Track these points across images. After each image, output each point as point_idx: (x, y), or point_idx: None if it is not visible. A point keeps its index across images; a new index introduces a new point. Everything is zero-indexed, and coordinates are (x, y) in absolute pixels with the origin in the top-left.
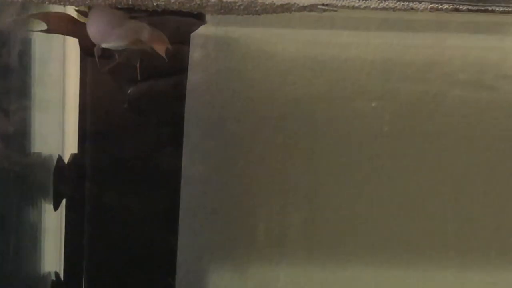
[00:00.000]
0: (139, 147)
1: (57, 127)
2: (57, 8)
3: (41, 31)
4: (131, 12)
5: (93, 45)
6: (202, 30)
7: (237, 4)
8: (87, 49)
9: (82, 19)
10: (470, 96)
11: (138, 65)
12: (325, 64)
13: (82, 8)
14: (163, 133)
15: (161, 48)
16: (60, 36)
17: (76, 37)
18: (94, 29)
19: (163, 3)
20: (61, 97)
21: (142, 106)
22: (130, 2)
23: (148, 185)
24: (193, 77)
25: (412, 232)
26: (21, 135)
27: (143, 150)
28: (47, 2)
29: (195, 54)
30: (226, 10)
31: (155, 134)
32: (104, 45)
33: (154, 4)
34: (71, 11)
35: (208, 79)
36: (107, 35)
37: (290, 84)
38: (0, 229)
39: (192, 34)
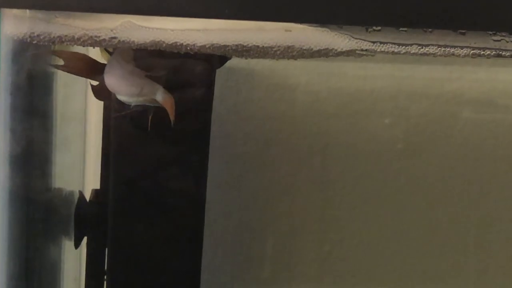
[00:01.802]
0: (163, 183)
1: (78, 162)
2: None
3: (57, 68)
4: (148, 70)
5: (105, 90)
6: None
7: (274, 49)
8: (98, 92)
9: (105, 56)
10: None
11: (150, 116)
12: (349, 96)
13: None
14: (187, 168)
15: (171, 111)
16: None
17: (91, 78)
18: (111, 80)
19: (197, 48)
20: (83, 132)
21: (166, 141)
22: (164, 47)
23: (172, 223)
24: (217, 109)
25: (430, 256)
26: (42, 170)
27: (166, 186)
28: (77, 43)
29: (218, 85)
30: (261, 54)
31: (180, 168)
32: (119, 97)
33: (188, 48)
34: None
35: (232, 111)
36: (122, 89)
37: (314, 116)
38: (19, 266)
39: None
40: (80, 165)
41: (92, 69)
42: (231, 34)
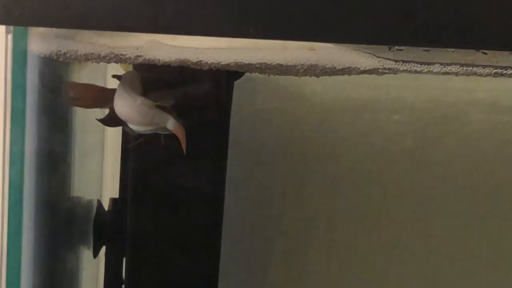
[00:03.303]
0: (182, 192)
1: (96, 170)
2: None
3: (69, 102)
4: (157, 100)
5: (116, 117)
6: None
7: (297, 67)
8: (108, 121)
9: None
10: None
11: (162, 140)
12: (365, 105)
13: None
14: (206, 177)
15: (183, 140)
16: (102, 81)
17: (101, 107)
18: (121, 110)
19: (221, 66)
20: (101, 141)
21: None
22: (188, 64)
23: (190, 232)
24: (234, 117)
25: (440, 258)
26: (62, 179)
27: (185, 195)
28: (102, 61)
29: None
30: (284, 72)
31: (198, 178)
32: (130, 126)
33: (212, 66)
34: None
35: (249, 120)
36: (132, 119)
37: (330, 124)
38: (40, 275)
39: None
40: (98, 174)
41: (102, 98)
42: (255, 52)
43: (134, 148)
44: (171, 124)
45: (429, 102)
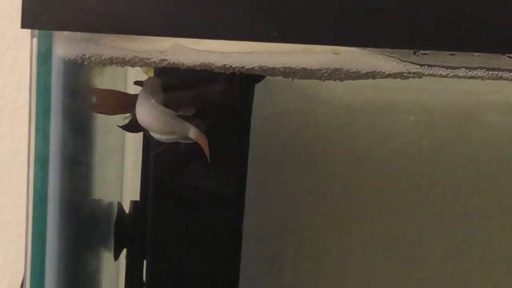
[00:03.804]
0: (202, 195)
1: (117, 173)
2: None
3: (91, 109)
4: (179, 109)
5: (136, 124)
6: None
7: (321, 72)
8: (130, 127)
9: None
10: None
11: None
12: (385, 107)
13: None
14: (227, 180)
15: (206, 148)
16: (122, 80)
17: (123, 113)
18: (142, 118)
19: (245, 70)
20: (122, 143)
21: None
22: (213, 69)
23: (211, 235)
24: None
25: (452, 259)
26: (83, 181)
27: (206, 198)
28: (127, 65)
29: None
30: (308, 76)
31: (219, 180)
32: (151, 134)
33: (236, 70)
34: None
35: (268, 122)
36: (154, 128)
37: (350, 127)
38: (62, 278)
39: None
40: (119, 176)
41: (124, 104)
42: (279, 56)
43: (155, 151)
44: (192, 133)
45: (449, 104)
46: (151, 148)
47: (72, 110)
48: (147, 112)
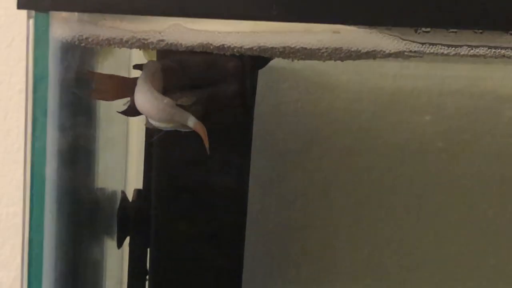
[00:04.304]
0: (206, 182)
1: (120, 161)
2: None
3: (88, 95)
4: (178, 98)
5: (135, 108)
6: None
7: (321, 51)
8: (129, 112)
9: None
10: None
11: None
12: (391, 96)
13: None
14: (230, 168)
15: (205, 139)
16: (126, 67)
17: (121, 98)
18: (141, 106)
19: (244, 50)
20: (125, 131)
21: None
22: (211, 49)
23: (214, 222)
24: (257, 108)
25: (471, 255)
26: (86, 170)
27: (209, 186)
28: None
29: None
30: (308, 56)
31: (222, 168)
32: (150, 121)
33: (235, 51)
34: None
35: (272, 110)
36: (153, 115)
37: (355, 116)
38: (64, 265)
39: None
40: (122, 164)
41: (124, 89)
42: (279, 36)
43: (157, 139)
44: (191, 122)
45: (455, 92)
46: (153, 136)
47: (72, 97)
48: (146, 99)
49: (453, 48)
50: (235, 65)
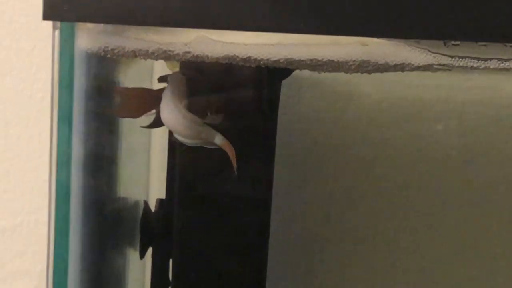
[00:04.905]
0: (229, 193)
1: (143, 171)
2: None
3: (113, 112)
4: (205, 118)
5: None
6: None
7: (349, 64)
8: (154, 125)
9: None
10: None
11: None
12: (414, 105)
13: None
14: (253, 178)
15: (232, 157)
16: (148, 78)
17: (147, 112)
18: (167, 122)
19: (270, 62)
20: (148, 141)
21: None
22: (237, 61)
23: (237, 233)
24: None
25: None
26: (109, 179)
27: (232, 196)
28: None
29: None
30: (335, 69)
31: (245, 179)
32: (175, 136)
33: (261, 63)
34: None
35: (296, 120)
36: (179, 132)
37: (377, 125)
38: (88, 276)
39: None
40: (145, 174)
41: (148, 102)
42: (306, 48)
43: (180, 150)
44: (219, 139)
45: (479, 103)
46: (176, 146)
47: (96, 105)
48: (173, 116)
49: (483, 62)
50: (258, 76)
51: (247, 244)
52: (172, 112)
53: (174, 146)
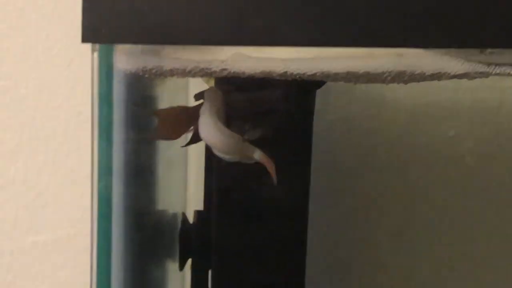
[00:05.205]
0: (266, 204)
1: (181, 183)
2: None
3: (152, 137)
4: (244, 134)
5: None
6: None
7: (385, 75)
8: (194, 139)
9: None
10: None
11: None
12: (451, 109)
13: None
14: (290, 189)
15: (272, 172)
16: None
17: (186, 131)
18: (206, 138)
19: (306, 76)
20: (185, 153)
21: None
22: (273, 76)
23: (275, 245)
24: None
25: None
26: (147, 192)
27: (269, 207)
28: (187, 76)
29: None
30: (371, 80)
31: (283, 190)
32: (214, 151)
33: (298, 77)
34: None
35: (329, 127)
36: (218, 148)
37: (413, 131)
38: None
39: None
40: (182, 186)
41: (186, 121)
42: (342, 61)
43: (218, 161)
44: (257, 155)
45: None
46: (214, 158)
47: (135, 122)
48: (212, 133)
49: None
50: (293, 88)
51: (286, 253)
52: (211, 128)
53: (211, 158)
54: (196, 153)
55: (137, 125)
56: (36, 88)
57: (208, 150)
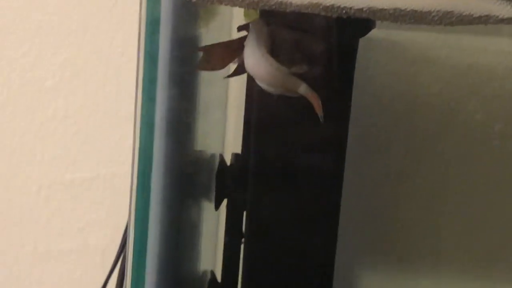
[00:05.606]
0: (303, 149)
1: (219, 125)
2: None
3: (201, 69)
4: (291, 67)
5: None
6: None
7: (432, 14)
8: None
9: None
10: None
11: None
12: (490, 73)
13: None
14: (327, 136)
15: (317, 106)
16: (225, 33)
17: (230, 62)
18: (252, 69)
19: (353, 11)
20: (225, 96)
21: (307, 108)
22: (320, 9)
23: (309, 189)
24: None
25: None
26: (186, 132)
27: (306, 153)
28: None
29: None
30: (417, 20)
31: (319, 136)
32: (258, 83)
33: (344, 12)
34: None
35: (369, 82)
36: (264, 79)
37: (452, 92)
38: (163, 226)
39: None
40: (221, 128)
41: (230, 53)
42: None
43: (258, 104)
44: (303, 89)
45: None
46: (253, 99)
47: (178, 59)
48: (259, 64)
49: None
50: (337, 30)
51: (319, 206)
52: (258, 59)
53: (251, 100)
54: (237, 97)
55: (182, 60)
56: (80, 26)
57: (250, 87)
